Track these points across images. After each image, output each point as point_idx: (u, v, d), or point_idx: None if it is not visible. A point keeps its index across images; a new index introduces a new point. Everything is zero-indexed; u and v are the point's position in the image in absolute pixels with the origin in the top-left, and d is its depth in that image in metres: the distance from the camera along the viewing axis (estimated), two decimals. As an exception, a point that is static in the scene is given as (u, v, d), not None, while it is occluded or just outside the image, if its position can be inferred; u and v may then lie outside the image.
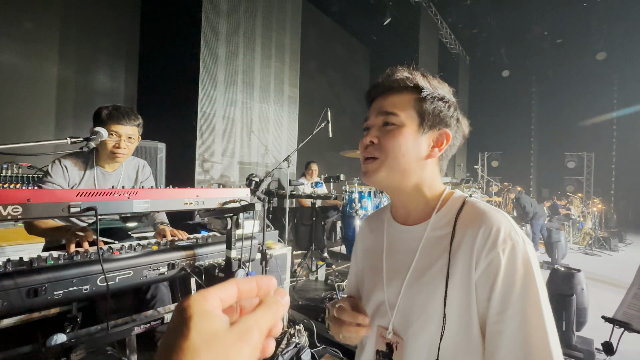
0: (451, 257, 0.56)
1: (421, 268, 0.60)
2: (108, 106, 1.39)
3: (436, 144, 0.63)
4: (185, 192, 1.04)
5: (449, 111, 0.63)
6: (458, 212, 0.60)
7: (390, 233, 0.69)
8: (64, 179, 1.35)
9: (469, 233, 0.56)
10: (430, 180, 0.64)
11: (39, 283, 0.81)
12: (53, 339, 0.95)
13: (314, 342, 1.91)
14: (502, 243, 0.53)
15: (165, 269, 1.08)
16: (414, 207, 0.65)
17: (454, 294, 0.55)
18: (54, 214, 0.77)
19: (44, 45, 3.41)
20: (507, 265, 0.52)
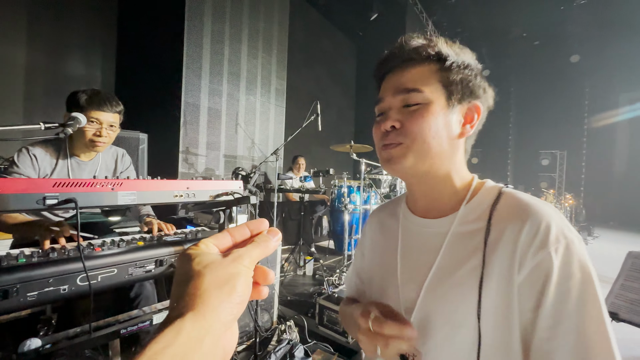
0: (486, 256, 0.47)
1: (446, 269, 0.51)
2: (86, 90, 1.26)
3: (466, 119, 0.54)
4: (174, 183, 0.97)
5: (477, 80, 0.54)
6: (493, 203, 0.50)
7: (406, 227, 0.60)
8: (32, 169, 1.22)
9: (510, 228, 0.46)
10: (459, 165, 0.55)
11: (9, 284, 0.73)
12: (26, 344, 0.86)
13: (305, 338, 1.88)
14: (555, 241, 0.43)
15: (153, 266, 1.01)
16: (438, 198, 0.56)
17: (489, 301, 0.46)
18: (27, 206, 0.68)
19: (10, 25, 3.14)
20: (561, 268, 0.43)
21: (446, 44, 0.54)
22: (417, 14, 7.96)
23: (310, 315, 2.12)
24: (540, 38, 9.80)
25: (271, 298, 2.00)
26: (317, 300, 2.02)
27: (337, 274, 2.80)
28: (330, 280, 2.67)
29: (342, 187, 3.07)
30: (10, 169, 1.19)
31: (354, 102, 8.70)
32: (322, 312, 1.99)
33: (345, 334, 1.87)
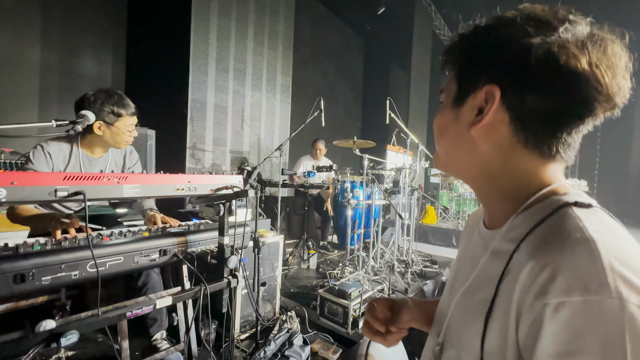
0: (498, 288, 0.39)
1: (473, 288, 0.46)
2: (111, 98, 1.36)
3: (481, 108, 0.43)
4: (176, 177, 1.02)
5: (495, 51, 0.41)
6: (538, 223, 0.38)
7: (474, 235, 0.56)
8: (47, 165, 1.31)
9: (519, 260, 0.37)
10: (504, 166, 0.44)
11: (25, 269, 0.80)
12: (42, 326, 0.94)
13: (306, 329, 1.94)
14: (560, 293, 0.30)
15: (157, 255, 1.07)
16: (491, 206, 0.49)
17: (491, 339, 0.38)
18: (39, 198, 0.75)
19: (26, 26, 3.26)
20: (558, 335, 0.30)
21: (474, 28, 0.45)
22: (425, 7, 7.83)
23: (312, 307, 2.18)
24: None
25: (273, 289, 2.06)
26: (319, 292, 2.08)
27: (339, 267, 2.85)
28: (333, 274, 2.72)
29: (345, 183, 3.10)
30: (26, 165, 1.28)
31: (361, 97, 8.66)
32: (323, 304, 2.05)
33: (345, 325, 1.92)
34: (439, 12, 8.49)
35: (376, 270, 2.85)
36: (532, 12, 0.41)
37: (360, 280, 2.34)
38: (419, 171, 3.39)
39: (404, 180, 3.08)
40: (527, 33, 0.39)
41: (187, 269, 1.38)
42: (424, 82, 7.82)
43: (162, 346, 1.48)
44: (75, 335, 0.79)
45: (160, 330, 1.53)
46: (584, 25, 0.40)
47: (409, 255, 3.15)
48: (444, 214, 6.11)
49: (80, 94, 1.40)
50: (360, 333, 1.91)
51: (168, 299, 0.99)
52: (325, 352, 1.70)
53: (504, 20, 0.43)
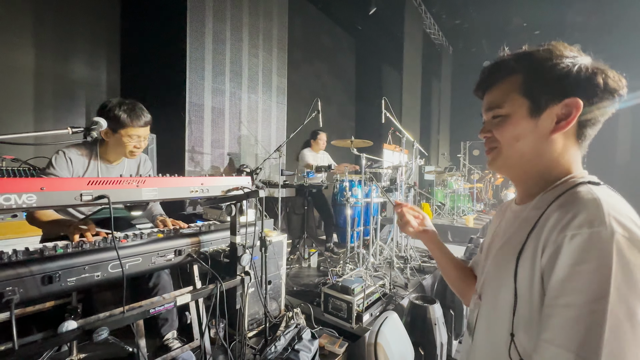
0: (529, 235, 0.55)
1: (508, 242, 0.62)
2: (121, 105, 1.38)
3: (561, 117, 0.56)
4: (190, 180, 1.07)
5: (570, 76, 0.55)
6: (560, 194, 0.55)
7: (507, 213, 0.72)
8: (67, 170, 1.34)
9: (550, 215, 0.53)
10: (562, 160, 0.59)
11: (52, 270, 0.83)
12: (64, 326, 0.97)
13: (312, 325, 1.99)
14: (574, 228, 0.47)
15: (172, 255, 1.11)
16: (530, 190, 0.64)
17: (523, 271, 0.54)
18: (66, 202, 0.78)
19: (17, 31, 3.23)
20: (572, 253, 0.46)
21: (530, 54, 0.59)
22: (415, 6, 7.95)
23: (316, 303, 2.23)
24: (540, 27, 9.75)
25: (279, 287, 2.11)
26: (322, 289, 2.13)
27: (340, 265, 2.90)
28: (335, 271, 2.77)
29: (344, 182, 3.15)
30: (48, 170, 1.31)
31: (355, 97, 8.73)
32: (327, 300, 2.10)
33: (349, 320, 1.98)
34: (429, 12, 8.62)
35: (376, 266, 2.91)
36: (567, 46, 0.59)
37: (362, 276, 2.40)
38: (414, 168, 3.47)
39: (400, 178, 3.15)
40: (582, 62, 0.55)
41: (198, 268, 1.42)
42: (416, 81, 7.93)
43: (174, 345, 1.51)
44: (106, 331, 0.83)
45: (172, 330, 1.56)
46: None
47: (407, 251, 3.23)
48: (439, 210, 6.22)
49: (75, 99, 1.43)
50: (364, 327, 1.97)
51: (187, 296, 1.03)
52: (332, 346, 1.75)
53: (560, 52, 0.57)
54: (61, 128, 1.04)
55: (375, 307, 2.15)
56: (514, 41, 10.48)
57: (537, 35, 10.02)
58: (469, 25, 9.42)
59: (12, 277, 0.76)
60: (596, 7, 8.39)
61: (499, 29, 9.78)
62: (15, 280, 0.76)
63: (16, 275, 0.77)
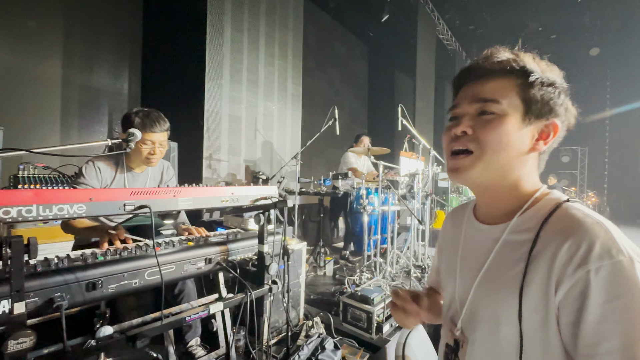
0: (528, 267, 0.50)
1: (494, 271, 0.56)
2: (138, 112, 1.43)
3: (541, 136, 0.55)
4: (222, 190, 1.09)
5: (559, 98, 0.54)
6: (547, 217, 0.52)
7: (467, 230, 0.65)
8: (97, 180, 1.39)
9: (552, 244, 0.48)
10: (527, 177, 0.57)
11: (96, 277, 0.86)
12: (101, 331, 1.00)
13: (332, 334, 1.98)
14: (597, 260, 0.44)
15: (203, 263, 1.13)
16: (499, 207, 0.59)
17: (529, 307, 0.49)
18: (111, 211, 0.82)
19: (48, 44, 3.40)
20: (603, 288, 0.43)
21: (533, 60, 0.56)
22: (428, 13, 7.95)
23: (334, 312, 2.22)
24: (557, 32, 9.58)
25: (298, 296, 2.11)
26: (341, 298, 2.12)
27: (357, 274, 2.88)
28: (352, 280, 2.76)
29: (361, 189, 3.15)
30: (79, 180, 1.37)
31: (367, 103, 8.75)
32: (346, 310, 2.08)
33: (369, 331, 1.96)
34: (442, 18, 8.61)
35: (393, 275, 2.88)
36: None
37: (381, 285, 2.37)
38: (431, 176, 3.44)
39: (417, 186, 3.12)
40: (564, 88, 0.57)
41: (224, 276, 1.44)
42: (429, 87, 7.89)
43: (198, 352, 1.53)
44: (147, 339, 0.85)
45: (195, 337, 1.58)
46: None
47: (424, 260, 3.18)
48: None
49: (99, 108, 1.48)
50: (384, 338, 1.94)
51: (219, 304, 1.04)
52: (353, 357, 1.74)
53: (556, 73, 0.57)
54: (86, 136, 1.09)
55: (395, 317, 2.12)
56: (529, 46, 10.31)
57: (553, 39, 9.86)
58: (483, 31, 9.35)
59: (61, 283, 0.80)
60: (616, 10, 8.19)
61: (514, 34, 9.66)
62: (63, 287, 0.80)
63: (64, 282, 0.81)
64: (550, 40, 9.88)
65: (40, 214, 0.68)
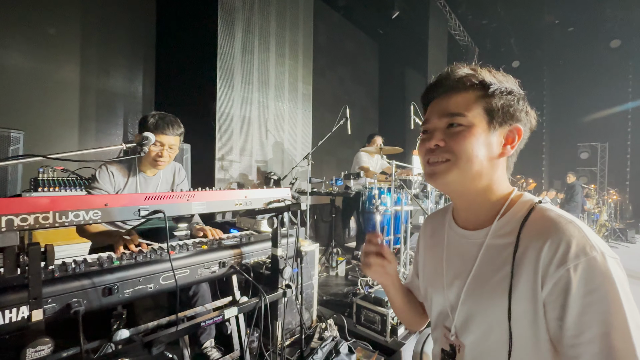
0: (514, 269, 0.53)
1: (481, 276, 0.58)
2: (155, 114, 1.44)
3: (507, 140, 0.60)
4: (235, 193, 1.08)
5: (519, 105, 0.60)
6: (523, 220, 0.55)
7: (450, 236, 0.67)
8: (110, 184, 1.41)
9: (534, 246, 0.52)
10: (499, 181, 0.61)
11: (111, 282, 0.86)
12: (118, 335, 1.01)
13: (345, 337, 1.96)
14: (574, 259, 0.48)
15: (217, 267, 1.12)
16: (477, 211, 0.62)
17: (518, 308, 0.52)
18: (126, 217, 0.81)
19: (67, 50, 3.49)
20: (581, 283, 0.47)
21: (489, 73, 0.61)
22: (439, 8, 7.79)
23: (347, 314, 2.19)
24: (575, 24, 9.23)
25: (311, 297, 2.09)
26: (354, 300, 2.09)
27: (370, 274, 2.84)
28: (365, 281, 2.72)
29: (373, 189, 3.11)
30: (93, 184, 1.38)
31: (377, 101, 8.66)
32: (360, 312, 2.06)
33: (383, 333, 1.92)
34: (454, 13, 8.42)
35: (406, 276, 2.83)
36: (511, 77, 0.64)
37: (394, 287, 2.33)
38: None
39: (431, 186, 3.06)
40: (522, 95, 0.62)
41: (237, 278, 1.43)
42: (442, 84, 7.74)
43: (213, 354, 1.53)
44: (163, 346, 0.85)
45: (210, 339, 1.58)
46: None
47: (438, 260, 3.11)
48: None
49: (115, 111, 1.49)
50: (399, 341, 1.90)
51: (234, 309, 1.04)
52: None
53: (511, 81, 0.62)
54: (102, 138, 1.09)
55: (410, 320, 2.07)
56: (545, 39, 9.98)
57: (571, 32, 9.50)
58: (497, 25, 9.10)
59: (78, 288, 0.80)
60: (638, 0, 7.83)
61: (530, 27, 9.36)
62: (80, 292, 0.80)
63: (81, 287, 0.81)
64: (568, 32, 9.53)
65: (56, 220, 0.69)
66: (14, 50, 3.11)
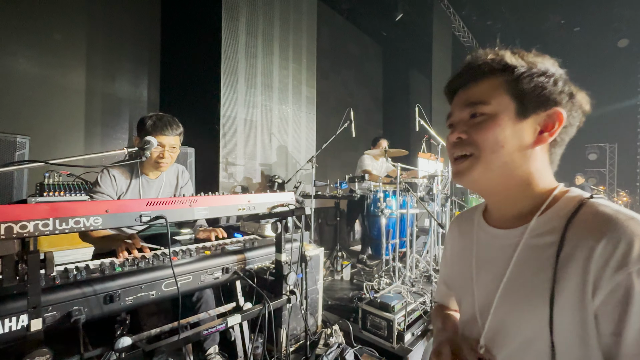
0: (557, 272, 0.45)
1: (517, 281, 0.51)
2: (152, 116, 1.42)
3: (545, 127, 0.52)
4: (238, 198, 1.06)
5: (557, 86, 0.52)
6: (571, 216, 0.48)
7: (480, 237, 0.61)
8: (112, 188, 1.40)
9: (584, 245, 0.44)
10: (539, 174, 0.53)
11: (113, 290, 0.85)
12: (120, 342, 0.99)
13: (351, 342, 1.92)
14: (638, 261, 0.40)
15: (220, 273, 1.11)
16: (512, 209, 0.56)
17: (562, 317, 0.45)
18: (128, 223, 0.80)
19: (73, 56, 3.53)
20: None
21: (514, 55, 0.55)
22: (443, 9, 7.76)
23: (352, 319, 2.16)
24: (581, 24, 9.12)
25: (315, 302, 2.06)
26: (360, 305, 2.06)
27: (376, 279, 2.81)
28: (370, 286, 2.68)
29: (378, 192, 3.08)
30: (95, 188, 1.38)
31: (382, 103, 8.63)
32: (365, 317, 2.02)
33: (389, 339, 1.88)
34: (458, 14, 8.38)
35: (412, 280, 2.78)
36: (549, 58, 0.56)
37: (401, 292, 2.29)
38: (450, 177, 3.32)
39: (437, 188, 3.02)
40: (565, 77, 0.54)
41: (241, 283, 1.41)
42: (446, 85, 7.70)
43: (216, 360, 1.51)
44: (164, 355, 0.83)
45: (214, 345, 1.56)
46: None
47: (445, 264, 3.06)
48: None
49: (120, 115, 1.48)
50: (406, 347, 1.86)
51: (237, 317, 1.01)
52: (374, 367, 1.67)
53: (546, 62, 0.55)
54: (108, 143, 1.08)
55: (417, 327, 2.03)
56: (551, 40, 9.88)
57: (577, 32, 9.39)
58: (502, 25, 9.03)
59: (79, 296, 0.79)
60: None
61: (535, 28, 9.27)
62: (81, 300, 0.79)
63: (82, 295, 0.80)
64: (574, 33, 9.42)
65: (57, 227, 0.67)
66: (21, 56, 3.15)
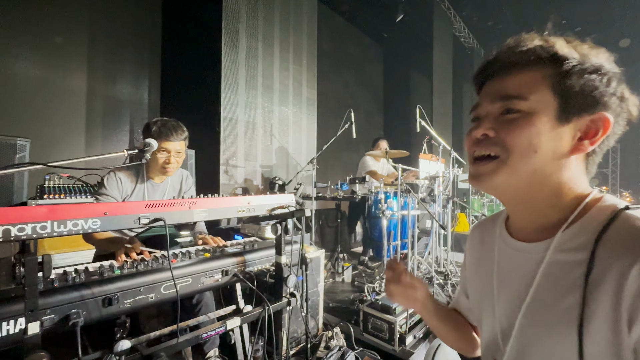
0: (586, 296, 0.40)
1: (542, 302, 0.45)
2: (157, 121, 1.43)
3: (586, 134, 0.45)
4: (237, 200, 1.06)
5: (609, 87, 0.44)
6: (602, 229, 0.41)
7: (502, 249, 0.55)
8: (117, 190, 1.41)
9: (618, 266, 0.38)
10: (572, 183, 0.46)
11: (111, 292, 0.84)
12: (119, 346, 0.98)
13: (352, 345, 1.91)
14: None
15: (219, 275, 1.10)
16: (537, 220, 0.49)
17: (593, 349, 0.39)
18: (126, 225, 0.80)
19: (74, 58, 3.54)
20: None
21: (567, 44, 0.47)
22: (444, 10, 7.76)
23: (353, 322, 2.15)
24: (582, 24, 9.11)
25: (316, 305, 2.05)
26: (361, 307, 2.04)
27: (377, 280, 2.79)
28: (372, 287, 2.67)
29: (379, 193, 3.07)
30: (100, 190, 1.38)
31: (382, 104, 8.63)
32: (367, 319, 2.01)
33: (391, 342, 1.87)
34: (459, 15, 8.38)
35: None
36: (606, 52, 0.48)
37: (402, 293, 2.28)
38: (451, 178, 3.31)
39: (438, 189, 3.01)
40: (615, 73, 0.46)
41: (241, 287, 1.41)
42: (447, 86, 7.69)
43: (216, 364, 1.50)
44: (164, 358, 0.83)
45: (214, 348, 1.55)
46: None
47: (446, 266, 3.05)
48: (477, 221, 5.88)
49: (121, 118, 1.49)
50: (407, 350, 1.85)
51: (237, 320, 1.01)
52: (375, 370, 1.66)
53: (601, 56, 0.47)
54: (109, 145, 1.08)
55: (419, 329, 2.02)
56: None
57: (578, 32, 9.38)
58: (503, 26, 9.03)
59: (77, 299, 0.78)
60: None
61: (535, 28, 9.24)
62: (79, 303, 0.78)
63: (80, 298, 0.79)
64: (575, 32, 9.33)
65: (54, 230, 0.67)
66: (22, 59, 3.17)
